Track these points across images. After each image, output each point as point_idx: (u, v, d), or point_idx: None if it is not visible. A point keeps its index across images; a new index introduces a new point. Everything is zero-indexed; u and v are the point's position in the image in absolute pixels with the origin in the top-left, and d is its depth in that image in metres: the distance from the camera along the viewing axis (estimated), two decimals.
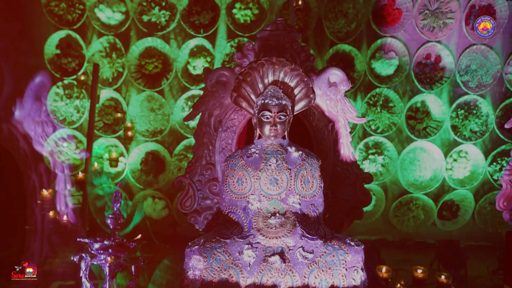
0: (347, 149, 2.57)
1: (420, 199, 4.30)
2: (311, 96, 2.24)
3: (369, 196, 2.57)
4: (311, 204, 2.17)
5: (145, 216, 4.30)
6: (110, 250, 1.99)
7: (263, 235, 2.03)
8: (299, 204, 2.14)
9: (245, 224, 2.11)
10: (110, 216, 2.07)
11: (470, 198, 4.29)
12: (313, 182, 2.18)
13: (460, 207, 4.35)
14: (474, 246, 4.30)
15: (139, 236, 2.22)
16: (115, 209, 2.09)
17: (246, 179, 2.16)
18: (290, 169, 2.15)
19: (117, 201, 2.10)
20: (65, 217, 3.36)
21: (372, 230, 4.41)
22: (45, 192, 3.16)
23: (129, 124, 3.64)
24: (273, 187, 2.13)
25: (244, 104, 2.26)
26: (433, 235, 4.39)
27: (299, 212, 2.13)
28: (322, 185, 2.22)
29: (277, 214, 2.09)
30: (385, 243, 4.39)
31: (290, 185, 2.15)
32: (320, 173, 2.22)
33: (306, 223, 2.10)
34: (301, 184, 2.16)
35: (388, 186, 4.37)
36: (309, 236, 2.02)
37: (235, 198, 2.17)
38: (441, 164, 4.23)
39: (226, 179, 2.21)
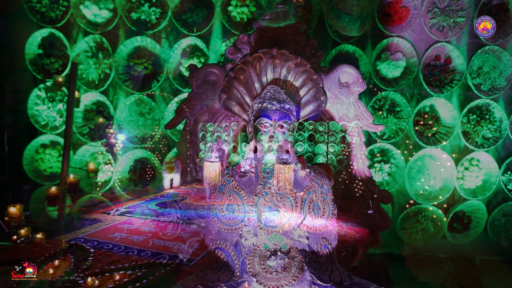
0: (362, 163, 1.98)
1: (429, 211, 3.73)
2: (321, 98, 1.63)
3: (387, 218, 2.00)
4: (323, 238, 1.55)
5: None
6: None
7: (260, 283, 1.42)
8: (307, 238, 1.53)
9: (237, 266, 1.50)
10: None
11: (483, 209, 3.73)
12: (324, 208, 1.58)
13: (472, 218, 3.78)
14: (488, 261, 3.74)
15: None
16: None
17: (238, 205, 1.56)
18: (295, 193, 1.55)
19: None
20: (39, 235, 2.76)
21: None
22: (12, 209, 2.54)
23: (112, 130, 3.06)
24: (273, 216, 1.52)
25: (236, 109, 1.65)
26: (443, 249, 3.82)
27: (307, 249, 1.52)
28: (336, 211, 1.61)
29: (279, 253, 1.48)
30: (391, 257, 3.82)
31: (296, 213, 1.54)
32: (332, 196, 1.61)
33: (316, 265, 1.49)
34: (310, 212, 1.55)
35: (394, 196, 3.81)
36: (321, 284, 1.41)
37: (224, 230, 1.56)
38: (451, 173, 3.66)
39: (213, 204, 1.60)
